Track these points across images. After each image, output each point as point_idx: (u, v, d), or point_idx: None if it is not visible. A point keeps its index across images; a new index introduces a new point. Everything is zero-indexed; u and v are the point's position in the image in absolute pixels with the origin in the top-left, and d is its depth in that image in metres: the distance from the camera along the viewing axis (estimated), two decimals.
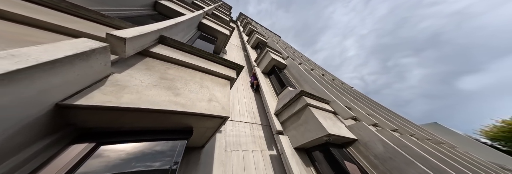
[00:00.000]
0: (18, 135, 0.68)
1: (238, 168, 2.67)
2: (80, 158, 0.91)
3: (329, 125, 2.72)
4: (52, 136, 0.86)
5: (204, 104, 1.45)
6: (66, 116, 0.88)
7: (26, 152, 0.76)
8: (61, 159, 0.85)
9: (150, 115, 1.18)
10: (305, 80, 4.75)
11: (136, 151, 1.17)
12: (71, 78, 0.81)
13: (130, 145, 1.18)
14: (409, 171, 2.14)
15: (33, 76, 0.63)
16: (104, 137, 1.06)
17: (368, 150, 2.64)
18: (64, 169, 0.85)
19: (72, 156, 0.88)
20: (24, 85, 0.61)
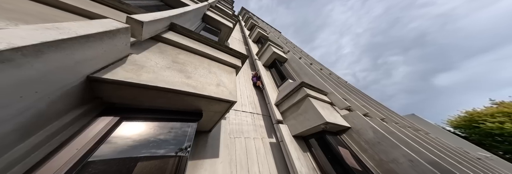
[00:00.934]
0: (58, 101, 0.76)
1: (241, 152, 2.81)
2: (107, 130, 0.99)
3: (326, 114, 2.85)
4: (83, 107, 0.94)
5: (213, 88, 1.52)
6: (94, 89, 0.96)
7: (63, 119, 0.84)
8: (91, 130, 0.94)
9: (165, 94, 1.25)
10: (305, 73, 4.82)
11: (153, 131, 1.26)
12: (99, 54, 0.88)
13: (148, 125, 1.27)
14: (394, 153, 2.35)
15: (73, 47, 0.69)
16: (126, 112, 1.14)
17: (360, 136, 2.82)
18: (94, 139, 0.94)
19: (100, 127, 0.97)
20: (66, 55, 0.68)
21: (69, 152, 0.78)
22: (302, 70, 4.99)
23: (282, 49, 6.71)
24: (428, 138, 4.84)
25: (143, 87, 1.09)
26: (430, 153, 2.91)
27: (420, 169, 2.12)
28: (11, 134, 0.61)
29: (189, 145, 1.31)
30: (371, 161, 2.60)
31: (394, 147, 2.38)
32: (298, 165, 2.60)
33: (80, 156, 0.81)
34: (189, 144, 1.32)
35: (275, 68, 5.77)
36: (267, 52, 6.05)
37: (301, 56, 7.11)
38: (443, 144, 5.03)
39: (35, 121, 0.68)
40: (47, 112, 0.72)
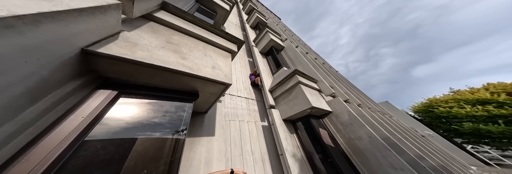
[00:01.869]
0: (58, 70, 0.79)
1: (235, 133, 3.02)
2: (108, 102, 1.06)
3: (313, 100, 3.05)
4: (81, 78, 0.98)
5: (209, 70, 1.56)
6: (90, 62, 0.98)
7: (65, 88, 0.89)
8: (93, 101, 1.00)
9: (161, 73, 1.29)
10: (299, 62, 4.85)
11: (153, 109, 1.33)
12: (92, 28, 0.88)
13: (147, 102, 1.33)
14: (360, 132, 2.76)
15: (67, 19, 0.70)
16: (125, 88, 1.19)
17: (338, 119, 3.17)
18: (97, 110, 1.00)
19: (101, 99, 1.03)
20: (61, 26, 0.69)
21: (76, 119, 0.85)
22: (297, 59, 5.00)
23: (280, 36, 6.54)
24: (390, 120, 5.53)
25: (138, 64, 1.12)
26: (386, 131, 3.43)
27: (375, 143, 2.53)
28: (21, 97, 0.66)
29: (186, 123, 1.42)
30: (342, 139, 3.01)
31: (361, 127, 2.78)
32: (284, 144, 2.86)
33: (86, 124, 0.88)
34: (187, 121, 1.43)
35: (271, 56, 5.72)
36: (265, 39, 5.90)
37: (298, 45, 7.00)
38: (399, 125, 5.72)
39: (41, 87, 0.73)
40: (49, 79, 0.76)
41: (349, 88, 6.06)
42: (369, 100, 7.53)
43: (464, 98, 14.85)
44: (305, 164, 2.88)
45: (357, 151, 2.73)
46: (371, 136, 2.62)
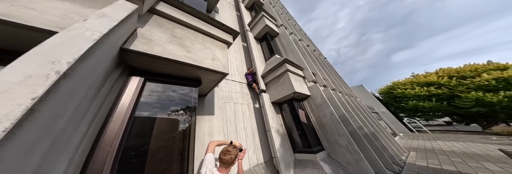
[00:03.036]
0: (113, 60, 1.10)
1: (231, 114, 3.52)
2: (140, 87, 1.39)
3: (297, 86, 3.55)
4: (120, 67, 1.29)
5: (209, 61, 1.86)
6: (122, 56, 1.26)
7: (113, 75, 1.20)
8: (132, 85, 1.34)
9: (172, 64, 1.58)
10: (291, 50, 5.09)
11: (171, 92, 1.68)
12: (124, 31, 1.13)
13: (166, 87, 1.67)
14: (325, 111, 3.50)
15: (118, 28, 0.96)
16: (148, 75, 1.51)
17: (313, 102, 3.81)
18: (136, 91, 1.35)
19: (135, 84, 1.36)
20: (115, 34, 0.96)
21: (127, 98, 1.21)
22: (289, 47, 5.21)
23: (276, 22, 6.46)
24: (353, 101, 6.46)
25: (156, 57, 1.41)
26: (344, 109, 4.27)
27: (333, 119, 3.31)
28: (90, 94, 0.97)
29: (196, 102, 1.81)
30: (314, 117, 3.71)
31: (327, 107, 3.49)
32: (271, 123, 3.45)
33: (133, 103, 1.25)
34: (196, 101, 1.82)
35: (266, 42, 5.83)
36: (260, 25, 5.85)
37: (292, 31, 7.00)
38: (358, 105, 6.72)
39: (102, 81, 1.05)
40: (109, 67, 1.07)
41: (330, 74, 6.71)
42: (344, 84, 8.55)
43: (418, 80, 17.63)
44: (285, 137, 3.59)
45: (321, 126, 3.48)
46: (332, 114, 3.35)
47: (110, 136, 1.05)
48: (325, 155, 3.19)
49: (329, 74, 6.59)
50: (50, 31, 0.86)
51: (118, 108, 1.16)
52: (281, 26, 6.13)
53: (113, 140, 1.04)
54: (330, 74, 6.69)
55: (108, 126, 1.08)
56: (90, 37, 0.74)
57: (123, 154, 1.07)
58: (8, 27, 0.82)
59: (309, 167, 2.97)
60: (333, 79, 6.53)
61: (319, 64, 6.08)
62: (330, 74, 6.69)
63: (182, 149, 1.51)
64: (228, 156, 1.32)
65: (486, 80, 12.85)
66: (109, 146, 1.01)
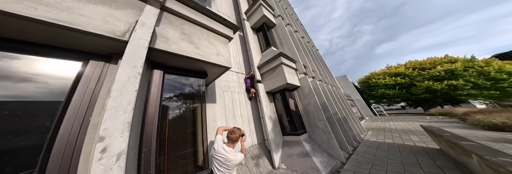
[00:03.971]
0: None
1: (229, 101, 3.91)
2: (163, 78, 1.69)
3: (289, 77, 3.97)
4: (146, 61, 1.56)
5: (215, 56, 2.14)
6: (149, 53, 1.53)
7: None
8: (157, 77, 1.63)
9: (185, 59, 1.86)
10: (286, 43, 5.33)
11: (184, 81, 1.99)
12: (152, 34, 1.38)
13: (180, 78, 1.97)
14: (311, 99, 4.06)
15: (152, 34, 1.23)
16: (165, 68, 1.80)
17: (302, 92, 4.33)
18: (160, 81, 1.65)
19: (158, 76, 1.66)
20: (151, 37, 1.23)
21: (155, 88, 1.53)
22: (285, 39, 5.42)
23: (273, 12, 6.44)
24: (335, 91, 7.19)
25: (173, 54, 1.69)
26: (326, 98, 4.91)
27: (315, 106, 3.92)
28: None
29: (204, 91, 2.17)
30: (301, 105, 4.27)
31: (312, 96, 4.04)
32: (265, 110, 3.94)
33: (160, 92, 1.58)
34: (204, 89, 2.17)
35: (262, 33, 5.94)
36: (257, 14, 5.85)
37: (289, 22, 7.07)
38: (338, 94, 7.54)
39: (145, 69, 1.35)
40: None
41: (319, 66, 7.26)
42: (330, 75, 9.37)
43: (389, 71, 20.02)
44: (276, 123, 4.14)
45: (306, 112, 4.08)
46: (315, 102, 3.92)
47: (151, 117, 1.40)
48: (307, 137, 3.84)
49: (318, 66, 7.10)
50: (101, 35, 1.12)
51: (151, 96, 1.49)
52: (278, 16, 6.17)
53: (153, 120, 1.40)
54: (319, 66, 7.23)
55: (148, 109, 1.43)
56: (143, 45, 1.03)
57: (160, 130, 1.45)
58: (70, 32, 1.06)
59: (294, 146, 3.61)
60: (321, 71, 7.10)
61: (311, 56, 6.46)
62: (319, 66, 7.23)
63: (195, 130, 1.92)
64: (233, 135, 1.74)
65: (438, 72, 15.58)
66: (152, 124, 1.38)
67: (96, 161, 0.84)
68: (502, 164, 1.51)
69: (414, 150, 3.95)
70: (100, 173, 0.84)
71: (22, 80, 0.97)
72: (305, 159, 3.18)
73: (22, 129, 0.89)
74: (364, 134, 6.76)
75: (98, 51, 1.27)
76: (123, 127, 0.95)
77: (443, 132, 3.33)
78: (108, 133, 0.90)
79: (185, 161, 1.78)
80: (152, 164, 1.31)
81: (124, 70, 0.97)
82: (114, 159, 0.88)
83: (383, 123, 10.29)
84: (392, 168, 2.99)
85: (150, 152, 1.32)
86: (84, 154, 0.91)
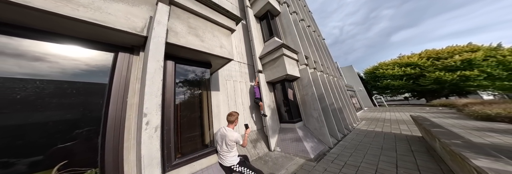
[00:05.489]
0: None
1: (231, 90, 4.22)
2: (174, 67, 1.97)
3: (290, 69, 4.18)
4: None
5: (218, 49, 2.36)
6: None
7: None
8: (170, 67, 1.91)
9: (192, 52, 2.10)
10: (289, 33, 5.35)
11: (192, 71, 2.26)
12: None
13: (189, 68, 2.24)
14: (309, 90, 4.32)
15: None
16: (176, 59, 2.08)
17: (301, 82, 4.57)
18: (173, 70, 1.93)
19: (171, 65, 1.94)
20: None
21: (170, 77, 1.82)
22: (289, 29, 5.42)
23: None
24: (335, 82, 7.32)
25: (183, 47, 1.92)
26: (324, 89, 5.13)
27: (312, 97, 4.20)
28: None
29: (209, 80, 2.46)
30: (299, 95, 4.56)
31: (310, 87, 4.30)
32: (265, 99, 4.27)
33: (173, 80, 1.87)
34: (209, 79, 2.47)
35: (266, 21, 5.90)
36: (261, 1, 5.72)
37: (295, 9, 6.86)
38: (338, 85, 7.68)
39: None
40: None
41: (322, 56, 7.28)
42: (332, 65, 9.38)
43: (400, 61, 19.17)
44: (275, 111, 4.51)
45: (303, 102, 4.40)
46: (313, 93, 4.19)
47: (168, 101, 1.75)
48: (301, 124, 4.25)
49: (321, 56, 7.13)
50: (126, 31, 1.36)
51: (167, 84, 1.79)
52: (284, 3, 6.02)
53: (170, 103, 1.74)
54: (322, 56, 7.25)
55: (166, 95, 1.76)
56: (161, 42, 1.29)
57: (175, 114, 1.80)
58: (101, 29, 1.31)
59: (289, 132, 4.04)
60: (323, 62, 7.16)
61: (314, 47, 6.48)
62: (322, 56, 7.25)
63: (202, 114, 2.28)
64: (232, 117, 2.06)
65: (454, 62, 14.84)
66: (169, 107, 1.71)
67: (144, 130, 1.20)
68: (448, 144, 1.79)
69: (398, 137, 4.36)
70: (147, 138, 1.22)
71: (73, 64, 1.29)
72: (298, 143, 3.62)
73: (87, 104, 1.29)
74: (357, 124, 7.21)
75: (124, 44, 1.53)
76: (156, 107, 1.29)
77: (425, 121, 3.65)
78: (148, 111, 1.25)
79: (194, 141, 2.17)
80: (171, 140, 1.69)
81: (152, 64, 1.27)
82: (154, 130, 1.24)
83: (379, 114, 10.68)
84: (371, 151, 3.42)
85: (169, 130, 1.68)
86: (127, 127, 1.28)
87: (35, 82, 1.14)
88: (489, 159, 1.34)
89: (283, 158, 3.36)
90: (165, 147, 1.60)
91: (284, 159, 3.31)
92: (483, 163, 1.27)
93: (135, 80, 1.45)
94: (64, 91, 1.22)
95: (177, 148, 1.95)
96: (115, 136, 1.26)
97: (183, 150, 2.00)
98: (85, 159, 1.20)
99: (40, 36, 1.24)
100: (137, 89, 1.46)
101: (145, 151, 1.17)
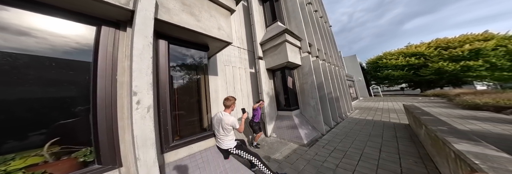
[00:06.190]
0: None
1: (230, 76, 4.12)
2: (168, 48, 1.84)
3: (291, 56, 4.01)
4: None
5: (216, 31, 2.18)
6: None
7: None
8: (163, 47, 1.78)
9: (187, 32, 1.94)
10: (294, 17, 4.96)
11: (188, 53, 2.13)
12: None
13: (183, 49, 2.10)
14: (308, 79, 4.23)
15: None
16: (170, 39, 1.93)
17: (302, 71, 4.44)
18: (167, 51, 1.81)
19: (164, 45, 1.81)
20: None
21: (163, 57, 1.71)
22: (294, 13, 5.00)
23: None
24: (336, 71, 7.25)
25: (176, 26, 1.76)
26: (324, 78, 5.05)
27: (311, 85, 4.15)
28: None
29: (206, 64, 2.36)
30: (298, 83, 4.47)
31: (310, 76, 4.20)
32: (264, 86, 4.20)
33: (167, 60, 1.76)
34: (206, 63, 2.36)
35: (269, 4, 5.42)
36: None
37: None
38: (338, 74, 7.61)
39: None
40: None
41: (326, 44, 6.98)
42: (336, 54, 9.11)
43: (407, 51, 18.20)
44: (273, 99, 4.50)
45: (302, 90, 4.36)
46: (312, 82, 4.11)
47: (163, 83, 1.68)
48: (298, 112, 4.29)
49: (325, 44, 6.82)
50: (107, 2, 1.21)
51: (160, 64, 1.70)
52: None
53: (165, 85, 1.68)
54: (326, 44, 6.94)
55: (160, 76, 1.69)
56: (149, 16, 1.15)
57: (171, 96, 1.75)
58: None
59: (286, 120, 4.09)
60: (327, 50, 6.90)
61: (319, 34, 6.11)
62: (326, 44, 6.94)
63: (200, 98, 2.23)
64: (228, 101, 2.02)
65: (461, 51, 14.20)
66: (165, 88, 1.65)
67: (135, 110, 1.15)
68: (434, 130, 1.87)
69: (386, 125, 4.56)
70: (139, 119, 1.18)
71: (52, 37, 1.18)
72: (293, 130, 3.71)
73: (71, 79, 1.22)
74: (350, 112, 7.38)
75: (107, 17, 1.37)
76: (148, 86, 1.22)
77: (415, 110, 3.74)
78: (138, 89, 1.18)
79: (192, 125, 2.18)
80: (168, 122, 1.68)
81: (138, 39, 1.15)
82: (146, 110, 1.20)
83: (373, 103, 10.97)
84: (360, 138, 3.59)
85: (166, 111, 1.65)
86: (119, 105, 1.24)
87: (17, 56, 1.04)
88: (469, 143, 1.44)
89: (278, 143, 3.49)
90: (162, 129, 1.60)
91: (279, 144, 3.43)
92: (463, 147, 1.36)
93: (124, 58, 1.35)
94: (50, 67, 1.14)
95: (177, 131, 1.96)
96: (108, 115, 1.22)
97: (181, 132, 2.02)
98: (79, 137, 1.19)
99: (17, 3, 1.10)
100: (127, 66, 1.37)
101: (138, 131, 1.14)
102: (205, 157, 2.04)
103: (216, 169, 1.98)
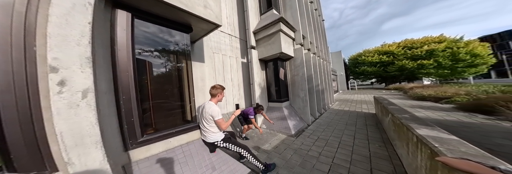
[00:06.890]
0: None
1: (219, 64, 3.74)
2: (130, 23, 1.43)
3: (285, 47, 3.70)
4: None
5: (201, 9, 1.77)
6: None
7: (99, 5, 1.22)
8: (121, 21, 1.37)
9: (160, 4, 1.47)
10: (290, 6, 4.54)
11: (165, 33, 1.74)
12: None
13: (158, 28, 1.70)
14: (300, 71, 4.10)
15: None
16: (135, 11, 1.47)
17: (294, 62, 4.27)
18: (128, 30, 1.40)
19: (124, 19, 1.39)
20: None
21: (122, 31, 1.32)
22: (291, 1, 4.57)
23: None
24: (324, 65, 7.37)
25: None
26: (313, 71, 5.02)
27: (302, 77, 4.01)
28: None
29: (189, 48, 1.98)
30: (290, 75, 4.33)
31: (302, 68, 4.06)
32: (255, 77, 3.93)
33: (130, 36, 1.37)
34: (188, 47, 1.98)
35: None
36: None
37: None
38: (325, 68, 7.76)
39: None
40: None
41: (318, 38, 6.84)
42: (325, 49, 9.24)
43: (381, 49, 20.23)
44: (264, 90, 4.28)
45: (293, 82, 4.22)
46: (303, 74, 3.98)
47: (123, 63, 1.29)
48: (288, 104, 4.16)
49: (317, 38, 6.62)
50: None
51: (118, 39, 1.31)
52: None
53: (127, 66, 1.30)
54: (318, 38, 6.75)
55: (117, 55, 1.30)
56: None
57: (139, 81, 1.40)
58: None
59: (275, 111, 3.94)
60: (318, 44, 6.73)
61: (313, 27, 5.83)
62: (318, 38, 6.75)
63: (181, 86, 1.91)
64: (215, 90, 1.74)
65: (420, 51, 16.16)
66: (126, 71, 1.29)
67: (55, 93, 0.78)
68: (400, 118, 2.13)
69: (358, 115, 5.05)
70: (64, 108, 0.80)
71: None
72: (282, 121, 3.58)
73: None
74: (332, 104, 7.73)
75: None
76: (82, 61, 0.85)
77: (384, 100, 4.02)
78: (61, 64, 0.80)
79: (172, 116, 1.88)
80: (134, 112, 1.36)
81: None
82: (80, 96, 0.85)
83: (350, 95, 12.23)
84: (339, 127, 3.81)
85: (129, 100, 1.32)
86: (42, 90, 0.80)
87: None
88: (427, 128, 1.62)
89: (267, 134, 3.39)
90: (125, 122, 1.29)
91: (268, 135, 3.34)
92: (423, 132, 1.51)
93: (46, 23, 0.81)
94: None
95: (151, 124, 1.67)
96: (21, 102, 0.77)
97: (158, 125, 1.73)
98: None
99: None
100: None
101: (64, 126, 0.80)
102: (187, 151, 1.81)
103: (200, 163, 1.76)
